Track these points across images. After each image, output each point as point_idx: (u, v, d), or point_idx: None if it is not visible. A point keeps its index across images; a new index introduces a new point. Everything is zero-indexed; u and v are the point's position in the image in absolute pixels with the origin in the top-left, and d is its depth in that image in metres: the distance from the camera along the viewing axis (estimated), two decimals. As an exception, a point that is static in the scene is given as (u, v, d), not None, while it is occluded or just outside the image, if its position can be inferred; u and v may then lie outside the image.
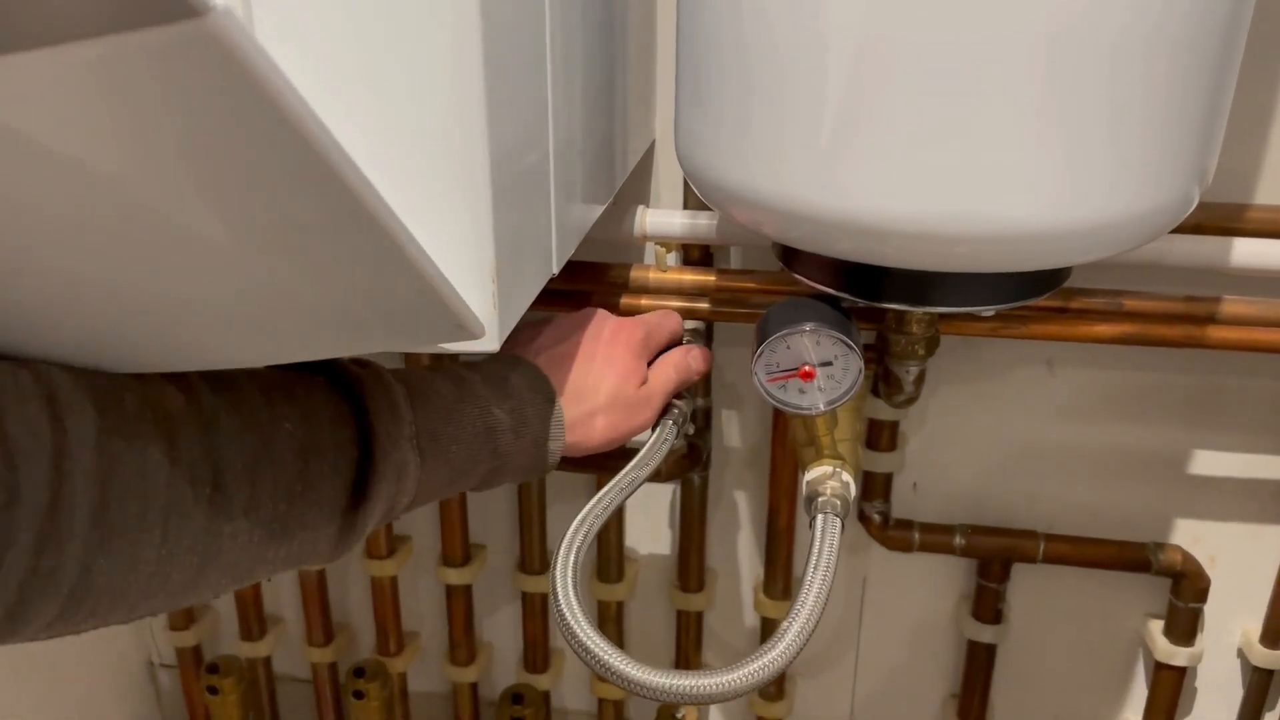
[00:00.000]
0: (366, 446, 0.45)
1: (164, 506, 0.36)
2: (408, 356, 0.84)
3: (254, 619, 1.00)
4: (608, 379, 0.57)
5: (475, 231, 0.44)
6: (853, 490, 0.58)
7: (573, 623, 0.49)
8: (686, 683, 0.47)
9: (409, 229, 0.35)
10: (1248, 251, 0.70)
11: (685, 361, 0.64)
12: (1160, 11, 0.46)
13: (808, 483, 0.58)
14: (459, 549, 0.93)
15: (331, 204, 0.31)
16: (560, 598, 0.50)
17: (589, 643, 0.48)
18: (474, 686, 1.00)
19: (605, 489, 0.58)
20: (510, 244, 0.46)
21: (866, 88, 0.47)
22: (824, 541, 0.54)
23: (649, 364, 0.62)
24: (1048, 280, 0.59)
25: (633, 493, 0.60)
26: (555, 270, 0.54)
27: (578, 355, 0.58)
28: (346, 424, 0.45)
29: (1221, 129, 0.54)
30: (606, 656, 0.48)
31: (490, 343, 0.45)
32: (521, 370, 0.55)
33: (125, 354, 0.41)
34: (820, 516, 0.55)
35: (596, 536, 0.59)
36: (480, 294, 0.45)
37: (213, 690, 0.97)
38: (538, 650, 0.97)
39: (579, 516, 0.55)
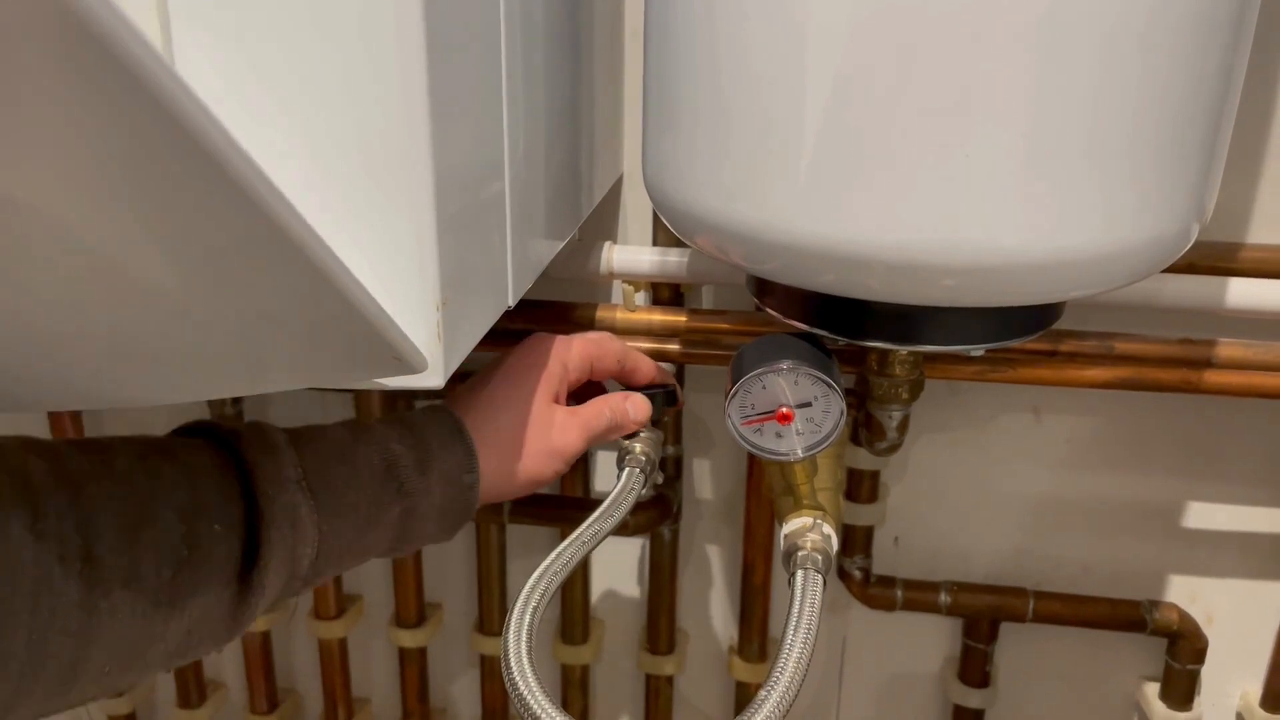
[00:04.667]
0: (250, 496, 0.41)
1: (31, 585, 0.31)
2: (359, 404, 0.79)
3: (193, 685, 0.93)
4: (515, 414, 0.54)
5: (418, 258, 0.39)
6: (834, 543, 0.54)
7: (525, 692, 0.44)
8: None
9: (335, 252, 0.30)
10: (1243, 292, 0.67)
11: (623, 407, 0.59)
12: (1153, 34, 0.43)
13: (786, 535, 0.54)
14: (413, 608, 0.87)
15: (241, 221, 0.27)
16: (512, 662, 0.45)
17: (541, 713, 0.43)
18: (429, 757, 0.93)
19: (565, 543, 0.53)
20: (457, 273, 0.41)
21: (850, 111, 0.44)
22: (804, 600, 0.49)
23: (588, 393, 0.60)
24: (1039, 318, 0.55)
25: (596, 546, 0.55)
26: (511, 303, 0.50)
27: (488, 386, 0.55)
28: (228, 477, 0.40)
29: (1221, 162, 0.51)
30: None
31: (434, 378, 0.41)
32: (428, 408, 0.53)
33: (12, 389, 0.36)
34: (800, 572, 0.50)
35: (559, 594, 0.54)
36: (424, 325, 0.40)
37: (145, 763, 0.90)
38: (497, 718, 0.91)
39: (536, 573, 0.50)
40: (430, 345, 0.40)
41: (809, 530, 0.53)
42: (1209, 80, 0.46)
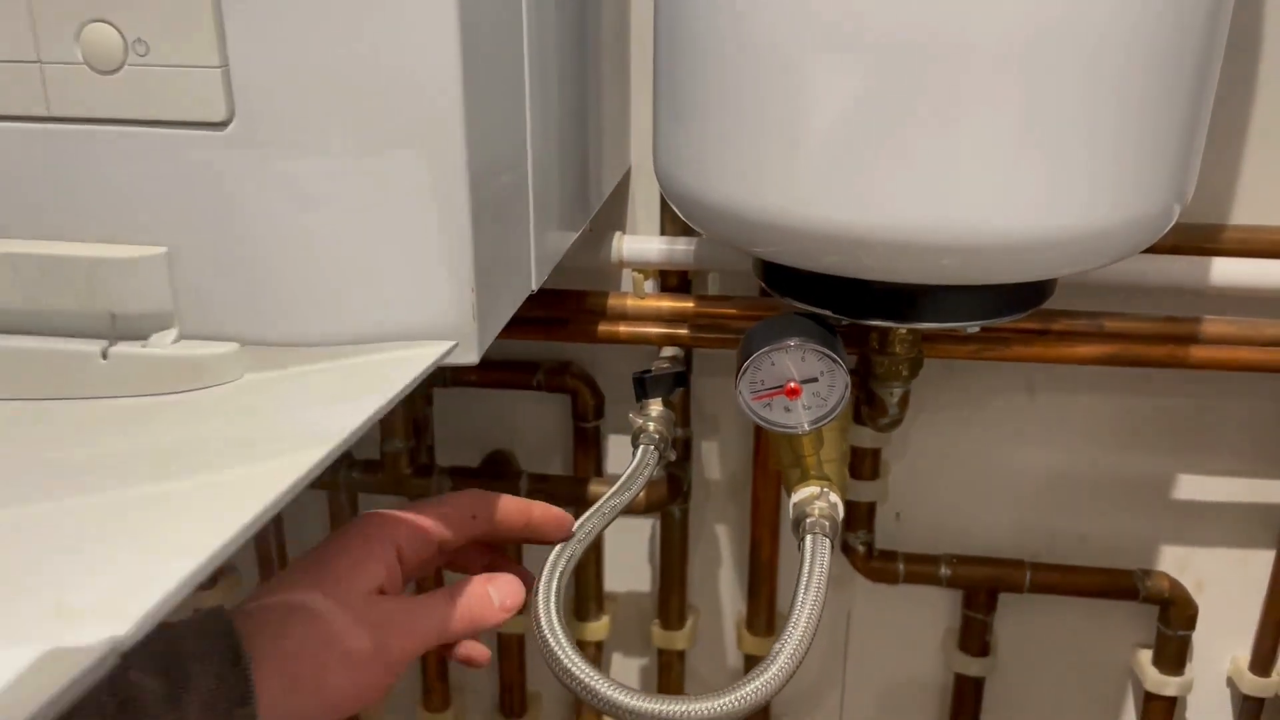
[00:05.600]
0: None
1: None
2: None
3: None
4: (314, 615, 0.41)
5: (456, 242, 0.42)
6: (840, 511, 0.57)
7: (556, 649, 0.47)
8: (675, 708, 0.45)
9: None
10: (1226, 271, 0.70)
11: (482, 592, 0.46)
12: (1137, 19, 0.46)
13: (795, 504, 0.57)
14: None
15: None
16: (543, 624, 0.48)
17: (574, 668, 0.46)
18: (448, 733, 0.97)
19: (585, 516, 0.56)
20: (488, 258, 0.44)
21: (848, 100, 0.47)
22: (814, 563, 0.52)
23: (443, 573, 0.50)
24: (1031, 295, 0.58)
25: (612, 520, 0.58)
26: (534, 287, 0.53)
27: (282, 580, 0.42)
28: None
29: (1200, 143, 0.54)
30: (592, 681, 0.46)
31: (469, 354, 0.44)
32: (197, 615, 0.39)
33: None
34: (809, 537, 0.54)
35: (574, 574, 0.56)
36: (460, 305, 0.43)
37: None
38: (514, 693, 0.94)
39: (551, 558, 0.53)
40: (465, 325, 0.43)
41: (816, 499, 0.56)
42: (1187, 70, 0.50)
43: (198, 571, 0.28)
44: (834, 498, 0.57)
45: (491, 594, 0.46)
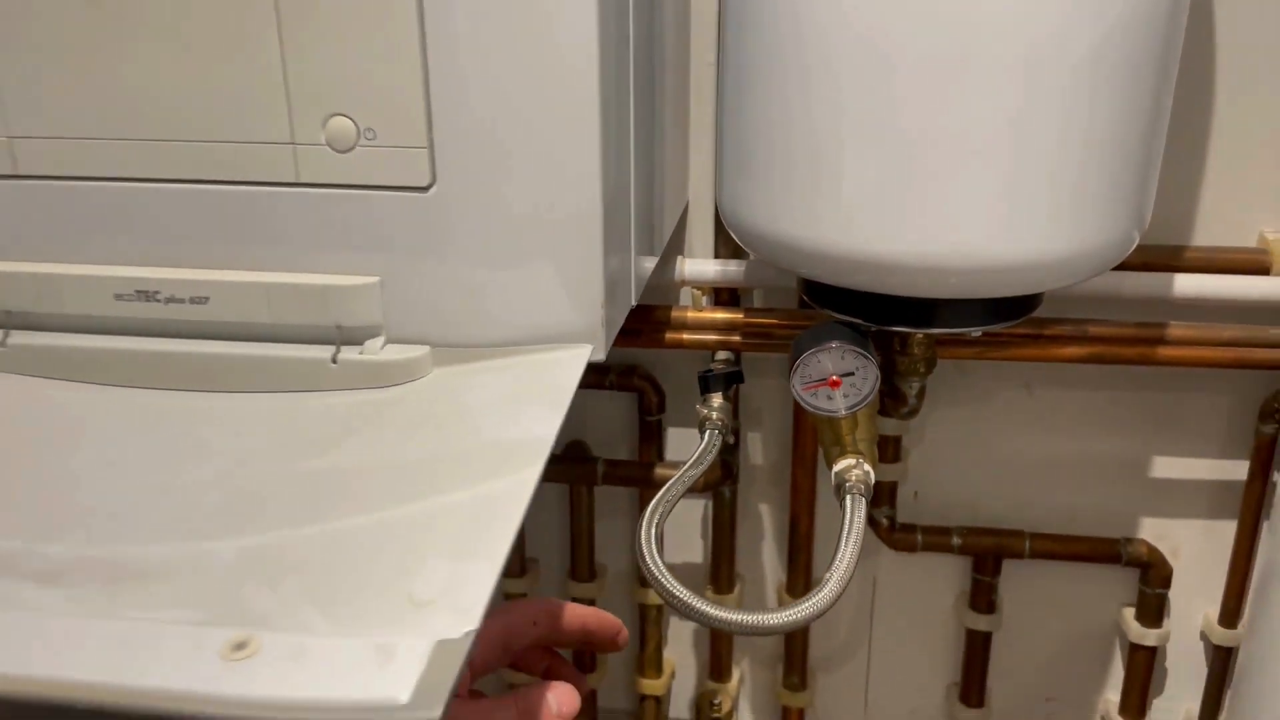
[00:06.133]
0: None
1: None
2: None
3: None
4: None
5: (593, 268, 0.58)
6: (872, 478, 0.72)
7: (660, 576, 0.62)
8: (752, 619, 0.60)
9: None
10: (1187, 284, 0.85)
11: (541, 698, 0.50)
12: (1097, 95, 0.61)
13: (836, 473, 0.72)
14: (515, 561, 1.05)
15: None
16: (647, 559, 0.63)
17: (673, 589, 0.61)
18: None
19: (671, 481, 0.72)
20: (611, 280, 0.60)
21: (880, 164, 0.62)
22: (853, 516, 0.67)
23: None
24: (1022, 306, 0.73)
25: (689, 486, 0.73)
26: (634, 302, 0.68)
27: None
28: None
29: (1153, 186, 0.69)
30: (688, 598, 0.61)
31: (599, 352, 0.59)
32: None
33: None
34: (849, 497, 0.69)
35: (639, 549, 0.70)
36: (593, 316, 0.58)
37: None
38: (584, 653, 1.09)
39: (653, 501, 0.68)
40: (597, 331, 0.59)
41: (853, 468, 0.71)
42: (1141, 130, 0.64)
43: (500, 569, 0.42)
44: (867, 467, 0.72)
45: (551, 701, 0.50)
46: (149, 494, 0.51)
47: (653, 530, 0.66)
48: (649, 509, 0.68)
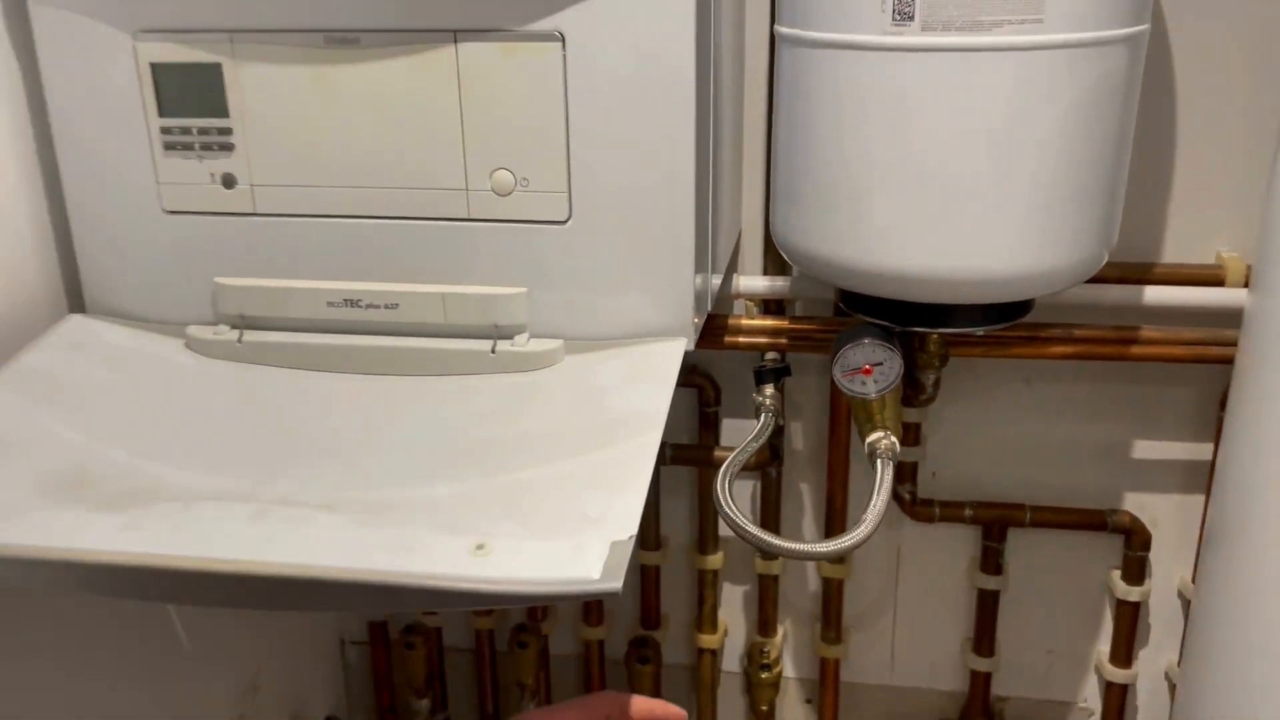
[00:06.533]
0: None
1: None
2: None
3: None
4: None
5: (686, 280, 0.77)
6: (898, 447, 0.90)
7: (733, 515, 0.81)
8: (805, 547, 0.79)
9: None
10: (1155, 295, 1.03)
11: None
12: (1068, 154, 0.80)
13: (869, 443, 0.91)
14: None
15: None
16: (723, 503, 0.82)
17: (744, 524, 0.80)
18: (600, 644, 1.30)
19: (737, 450, 0.90)
20: (698, 295, 0.79)
21: (904, 203, 0.81)
22: (884, 473, 0.86)
23: None
24: (1016, 310, 0.91)
25: (750, 455, 0.92)
26: (709, 309, 0.87)
27: None
28: None
29: (1118, 213, 0.87)
30: (759, 532, 0.80)
31: (690, 347, 0.78)
32: None
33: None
34: (880, 460, 0.88)
35: (697, 516, 0.88)
36: (686, 316, 0.78)
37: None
38: (652, 611, 1.28)
39: (725, 464, 0.87)
40: (688, 328, 0.78)
41: (882, 439, 0.90)
42: (1104, 173, 0.83)
43: (642, 501, 0.61)
44: (893, 439, 0.90)
45: None
46: (370, 453, 0.71)
47: (727, 483, 0.85)
48: (722, 469, 0.87)
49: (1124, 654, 1.19)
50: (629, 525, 0.59)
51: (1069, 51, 0.76)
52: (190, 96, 0.76)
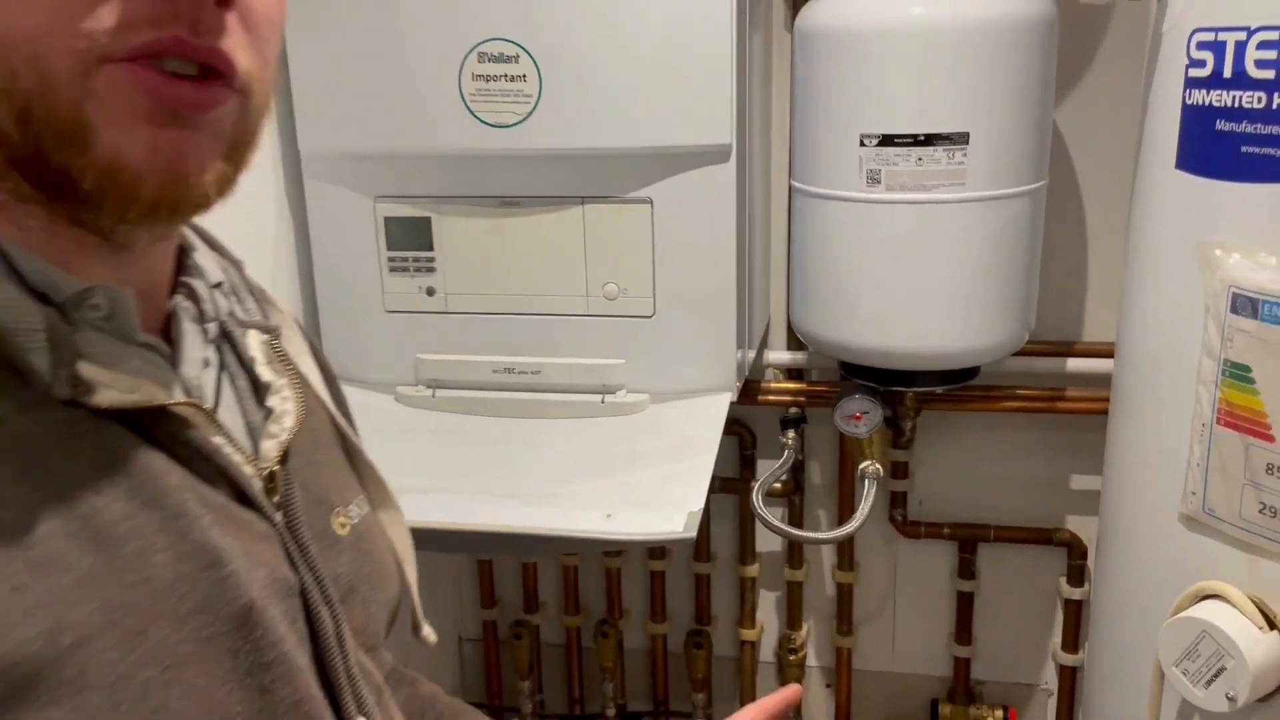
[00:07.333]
0: None
1: None
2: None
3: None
4: None
5: (731, 357, 1.16)
6: (881, 472, 1.28)
7: (765, 515, 1.18)
8: (815, 534, 1.16)
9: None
10: (1076, 365, 1.41)
11: None
12: (993, 269, 1.18)
13: (860, 468, 1.28)
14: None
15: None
16: (757, 507, 1.20)
17: (773, 521, 1.18)
18: (664, 637, 1.66)
19: (767, 474, 1.28)
20: (738, 366, 1.18)
21: (881, 301, 1.19)
22: (870, 488, 1.23)
23: None
24: (964, 375, 1.29)
25: (776, 478, 1.30)
26: (747, 374, 1.26)
27: None
28: None
29: (1033, 305, 1.25)
30: (783, 526, 1.17)
31: (733, 398, 1.17)
32: None
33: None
34: (867, 480, 1.25)
35: (736, 533, 1.26)
36: (731, 376, 1.16)
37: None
38: (704, 611, 1.64)
39: (758, 482, 1.25)
40: (732, 386, 1.16)
41: (870, 465, 1.28)
42: (1019, 279, 1.21)
43: (705, 493, 0.99)
44: (877, 465, 1.28)
45: None
46: (526, 464, 1.10)
47: (760, 495, 1.22)
48: (756, 485, 1.25)
49: (1072, 642, 1.53)
50: (698, 502, 0.98)
51: (984, 203, 1.16)
52: (408, 238, 1.17)
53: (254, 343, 0.51)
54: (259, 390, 0.50)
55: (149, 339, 0.45)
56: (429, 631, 0.61)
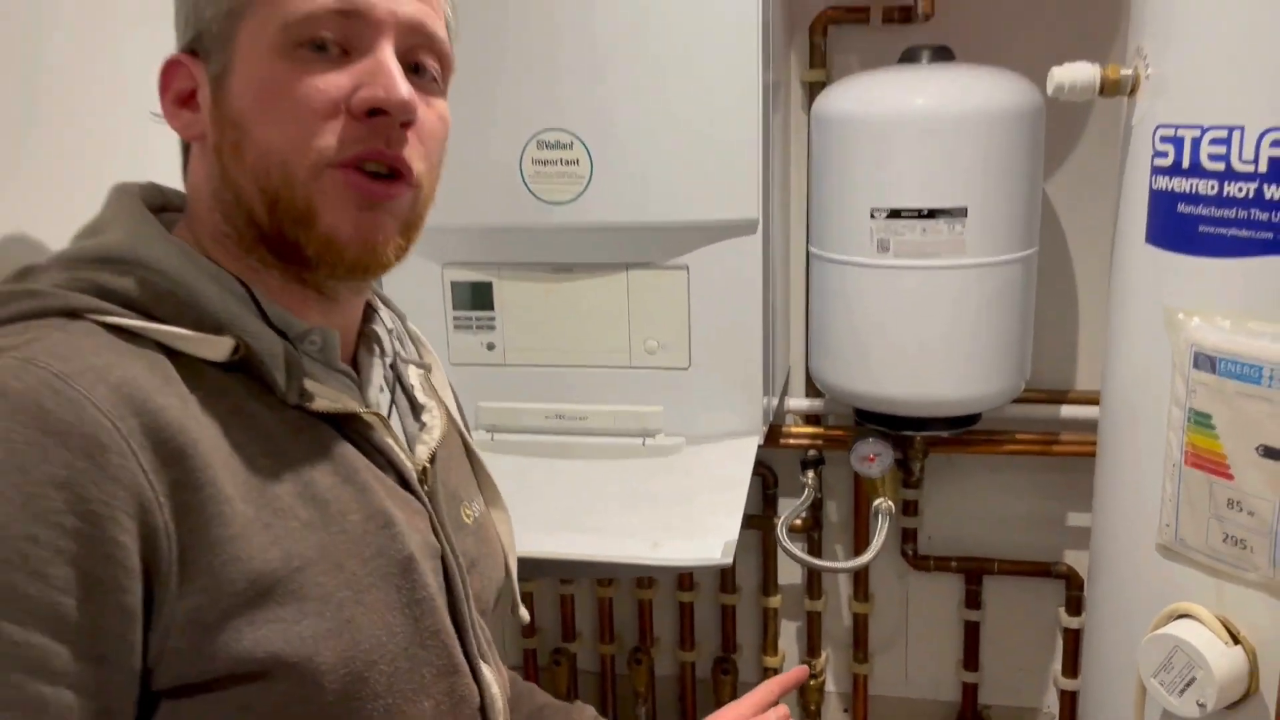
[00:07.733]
0: None
1: None
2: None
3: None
4: None
5: (758, 396, 1.30)
6: (894, 509, 1.41)
7: (789, 546, 1.32)
8: (834, 564, 1.29)
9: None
10: (1070, 411, 1.54)
11: None
12: (989, 328, 1.33)
13: (874, 505, 1.42)
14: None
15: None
16: (783, 539, 1.33)
17: (795, 551, 1.31)
18: (693, 665, 1.78)
19: (789, 512, 1.42)
20: (762, 413, 1.32)
21: (892, 355, 1.34)
22: (883, 522, 1.37)
23: None
24: (967, 420, 1.43)
25: (796, 516, 1.43)
26: (771, 420, 1.40)
27: None
28: None
29: (1028, 358, 1.40)
30: (804, 555, 1.30)
31: (759, 441, 1.31)
32: None
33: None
34: (880, 515, 1.39)
35: (762, 566, 1.39)
36: (758, 421, 1.30)
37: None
38: (730, 639, 1.76)
39: (782, 518, 1.39)
40: (759, 430, 1.30)
41: (883, 502, 1.41)
42: (1014, 336, 1.36)
43: (739, 524, 1.13)
44: (890, 502, 1.41)
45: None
46: (577, 499, 1.24)
47: (784, 528, 1.36)
48: (781, 521, 1.38)
49: (1071, 667, 1.65)
50: (733, 532, 1.11)
51: (981, 269, 1.30)
52: (472, 299, 1.32)
53: (413, 375, 0.69)
54: (415, 409, 0.68)
55: (344, 367, 0.62)
56: (524, 612, 0.77)
